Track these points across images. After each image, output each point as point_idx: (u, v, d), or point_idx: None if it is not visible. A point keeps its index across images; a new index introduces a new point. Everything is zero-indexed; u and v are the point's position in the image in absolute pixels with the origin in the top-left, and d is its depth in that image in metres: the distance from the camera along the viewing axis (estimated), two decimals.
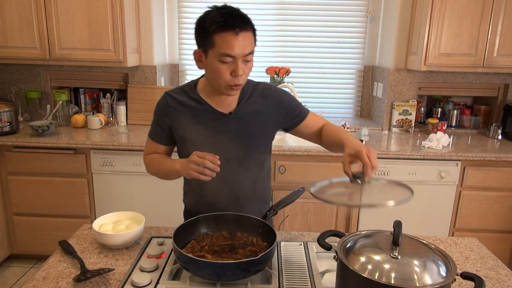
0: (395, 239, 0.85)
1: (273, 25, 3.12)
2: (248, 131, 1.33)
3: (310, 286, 1.06)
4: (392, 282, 0.79)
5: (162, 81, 3.03)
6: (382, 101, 2.98)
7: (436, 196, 2.46)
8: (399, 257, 0.84)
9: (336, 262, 0.91)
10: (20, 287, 1.16)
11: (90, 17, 2.50)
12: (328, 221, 2.54)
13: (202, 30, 1.17)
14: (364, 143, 2.52)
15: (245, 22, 1.15)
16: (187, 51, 3.21)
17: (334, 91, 3.25)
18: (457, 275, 0.83)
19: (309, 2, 3.07)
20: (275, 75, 2.89)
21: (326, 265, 1.17)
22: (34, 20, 2.51)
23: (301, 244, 1.29)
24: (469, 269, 1.19)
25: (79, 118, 2.76)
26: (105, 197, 2.52)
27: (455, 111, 2.99)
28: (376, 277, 0.81)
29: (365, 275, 0.80)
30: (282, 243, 1.29)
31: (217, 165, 1.13)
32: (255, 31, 1.20)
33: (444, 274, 0.82)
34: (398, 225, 0.87)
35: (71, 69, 2.95)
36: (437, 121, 2.84)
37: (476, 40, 2.51)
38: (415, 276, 0.81)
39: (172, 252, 1.18)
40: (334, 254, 0.91)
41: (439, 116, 3.00)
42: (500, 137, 2.79)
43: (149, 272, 1.09)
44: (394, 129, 2.91)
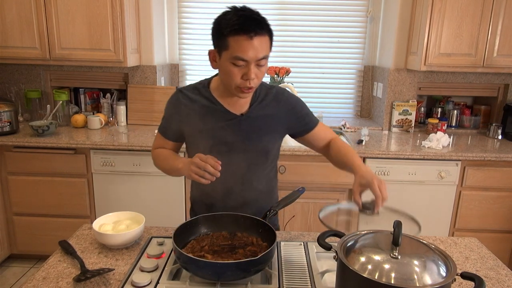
0: (395, 239, 0.85)
1: (273, 25, 3.07)
2: (258, 134, 1.33)
3: (310, 286, 1.06)
4: (392, 282, 0.79)
5: (162, 81, 3.03)
6: (382, 101, 2.98)
7: (436, 196, 2.46)
8: (399, 257, 0.84)
9: (336, 262, 0.91)
10: (20, 287, 1.16)
11: (90, 17, 2.50)
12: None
13: (218, 31, 1.17)
14: (364, 143, 2.52)
15: (261, 26, 1.13)
16: (187, 51, 3.21)
17: (334, 91, 3.25)
18: (457, 275, 0.83)
19: (309, 2, 3.07)
20: (275, 75, 2.89)
21: (326, 265, 1.17)
22: (34, 20, 2.51)
23: (301, 244, 1.29)
24: (469, 269, 1.19)
25: (79, 118, 2.76)
26: (105, 197, 2.52)
27: (455, 111, 2.99)
28: (376, 277, 0.80)
29: (365, 275, 0.80)
30: (282, 243, 1.29)
31: (218, 171, 1.13)
32: (271, 36, 1.19)
33: (444, 274, 0.82)
34: (398, 225, 0.87)
35: (71, 69, 2.95)
36: (437, 121, 2.84)
37: (476, 40, 2.51)
38: (415, 276, 0.81)
39: (172, 252, 1.18)
40: (334, 254, 0.91)
41: (439, 116, 3.00)
42: (500, 137, 2.79)
43: (149, 272, 1.09)
44: (394, 129, 2.91)
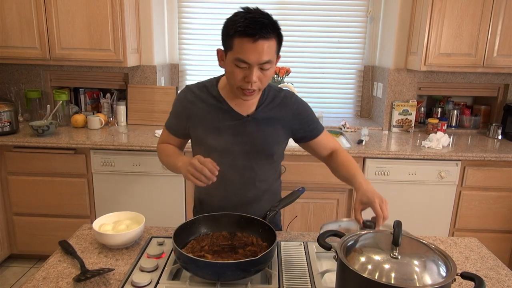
0: (395, 239, 0.85)
1: None
2: (263, 135, 1.32)
3: (310, 286, 1.06)
4: (392, 282, 0.79)
5: (162, 81, 3.03)
6: (382, 101, 2.98)
7: (436, 196, 2.46)
8: (399, 257, 0.84)
9: (336, 262, 0.91)
10: (20, 287, 1.16)
11: (90, 17, 2.50)
12: (328, 221, 2.54)
13: (225, 31, 1.17)
14: (364, 143, 2.52)
15: (266, 30, 1.11)
16: (187, 51, 3.21)
17: (334, 91, 3.25)
18: (457, 275, 0.83)
19: (309, 2, 3.07)
20: (275, 75, 2.89)
21: (326, 265, 1.18)
22: (34, 20, 2.51)
23: (301, 244, 1.29)
24: (469, 269, 1.19)
25: (79, 118, 2.76)
26: (105, 197, 2.52)
27: (455, 111, 2.99)
28: (376, 277, 0.80)
29: (365, 275, 0.80)
30: (282, 243, 1.29)
31: (215, 175, 1.13)
32: (280, 40, 1.18)
33: (444, 274, 0.82)
34: (398, 225, 0.87)
35: (71, 69, 2.95)
36: (437, 121, 2.84)
37: (476, 40, 2.51)
38: (415, 276, 0.81)
39: (172, 252, 1.18)
40: (334, 254, 0.91)
41: (439, 116, 3.00)
42: (500, 137, 2.79)
43: (149, 272, 1.09)
44: (394, 129, 2.91)
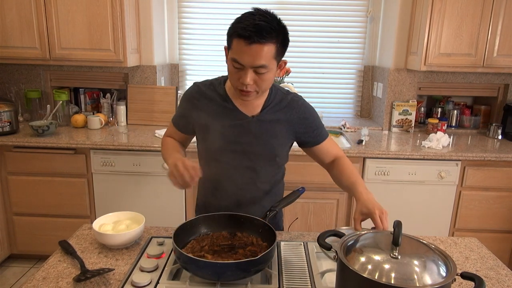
0: (395, 239, 0.85)
1: None
2: (266, 137, 1.32)
3: (310, 286, 1.06)
4: (392, 282, 0.79)
5: (162, 81, 3.03)
6: (382, 101, 2.98)
7: (436, 196, 2.46)
8: (399, 257, 0.84)
9: (336, 262, 0.91)
10: (20, 287, 1.16)
11: (90, 17, 2.50)
12: (328, 221, 2.54)
13: (228, 30, 1.17)
14: (364, 143, 2.52)
15: (263, 35, 1.09)
16: (187, 51, 3.21)
17: (334, 91, 3.25)
18: (457, 275, 0.83)
19: (309, 2, 3.07)
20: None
21: (326, 265, 1.18)
22: (34, 20, 2.51)
23: (301, 244, 1.29)
24: (469, 269, 1.19)
25: (79, 118, 2.76)
26: (105, 197, 2.52)
27: (455, 111, 2.99)
28: (376, 277, 0.80)
29: (365, 275, 0.80)
30: (282, 243, 1.29)
31: (194, 182, 1.15)
32: (282, 46, 1.16)
33: (444, 274, 0.82)
34: (398, 225, 0.87)
35: (71, 69, 2.95)
36: (437, 121, 2.84)
37: (476, 40, 2.51)
38: (415, 276, 0.81)
39: (172, 252, 1.18)
40: (334, 254, 0.91)
41: (439, 116, 3.00)
42: (500, 137, 2.79)
43: (149, 272, 1.09)
44: (394, 129, 2.91)
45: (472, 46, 2.52)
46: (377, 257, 0.86)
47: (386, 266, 0.83)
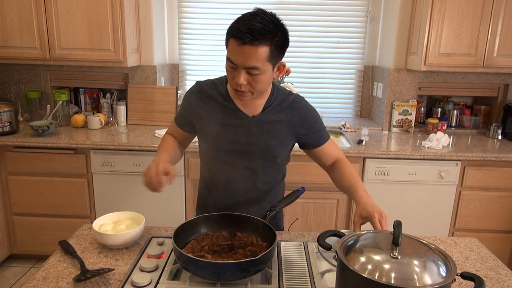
0: (395, 239, 0.85)
1: None
2: (267, 138, 1.32)
3: (310, 286, 1.06)
4: (392, 282, 0.79)
5: (162, 81, 3.03)
6: (382, 101, 2.98)
7: (436, 196, 2.46)
8: (399, 257, 0.84)
9: (336, 262, 0.91)
10: (20, 287, 1.16)
11: (90, 17, 2.50)
12: (328, 221, 2.54)
13: (227, 29, 1.17)
14: (364, 143, 2.52)
15: (255, 37, 1.09)
16: (187, 51, 3.21)
17: (334, 91, 3.25)
18: (457, 275, 0.83)
19: (309, 2, 3.07)
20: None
21: (326, 265, 1.17)
22: (34, 20, 2.51)
23: (301, 244, 1.29)
24: (469, 269, 1.19)
25: (79, 118, 2.76)
26: (105, 197, 2.52)
27: (455, 111, 2.99)
28: (376, 277, 0.80)
29: (365, 275, 0.80)
30: (282, 243, 1.29)
31: (160, 188, 1.18)
32: (275, 49, 1.14)
33: (444, 274, 0.82)
34: (398, 225, 0.87)
35: (71, 69, 2.95)
36: (437, 121, 2.84)
37: (476, 40, 2.51)
38: (415, 276, 0.81)
39: (172, 252, 1.18)
40: (334, 254, 0.91)
41: (439, 116, 3.00)
42: (500, 137, 2.79)
43: (149, 272, 1.09)
44: (394, 129, 2.91)
45: (472, 46, 2.52)
46: (377, 257, 0.86)
47: (386, 266, 0.83)
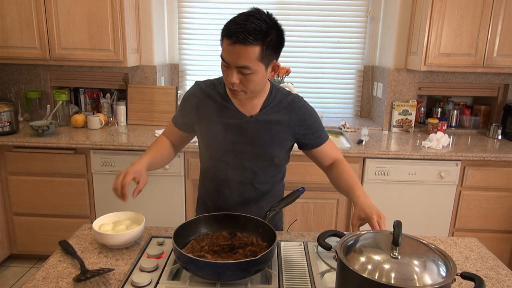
0: (395, 239, 0.85)
1: None
2: (264, 138, 1.32)
3: (310, 286, 1.06)
4: (392, 282, 0.79)
5: (162, 81, 3.03)
6: (382, 101, 2.98)
7: (436, 196, 2.46)
8: (399, 257, 0.84)
9: (336, 262, 0.91)
10: (20, 287, 1.16)
11: (90, 17, 2.50)
12: (328, 221, 2.54)
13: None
14: (364, 143, 2.52)
15: (247, 36, 1.09)
16: (187, 51, 3.21)
17: (334, 91, 3.25)
18: (457, 275, 0.83)
19: (309, 2, 3.07)
20: (275, 75, 2.88)
21: (326, 265, 1.17)
22: (34, 20, 2.51)
23: (301, 244, 1.29)
24: (469, 269, 1.19)
25: (79, 118, 2.76)
26: (105, 197, 2.52)
27: (455, 111, 2.99)
28: (376, 277, 0.80)
29: (365, 275, 0.80)
30: (282, 243, 1.29)
31: (123, 200, 1.23)
32: (267, 49, 1.14)
33: (444, 274, 0.82)
34: (398, 225, 0.87)
35: (71, 69, 2.95)
36: (437, 121, 2.84)
37: (476, 40, 2.51)
38: (415, 276, 0.81)
39: (172, 252, 1.18)
40: (334, 254, 0.91)
41: (439, 116, 3.00)
42: (500, 137, 2.79)
43: (149, 272, 1.09)
44: (394, 129, 2.91)
45: (472, 46, 2.52)
46: (377, 257, 0.86)
47: (386, 266, 0.83)
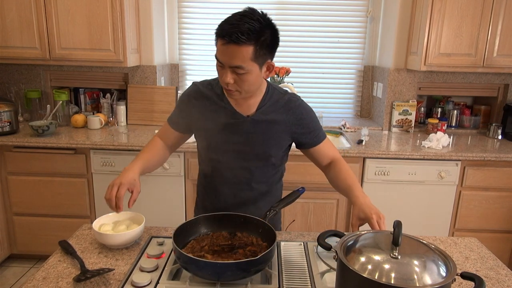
0: (395, 239, 0.85)
1: None
2: (261, 137, 1.32)
3: (310, 286, 1.06)
4: (392, 282, 0.79)
5: (162, 81, 3.03)
6: (382, 101, 2.98)
7: (436, 196, 2.46)
8: (399, 257, 0.84)
9: (336, 262, 0.91)
10: (20, 287, 1.16)
11: (90, 17, 2.50)
12: (328, 221, 2.54)
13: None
14: (364, 143, 2.52)
15: (240, 36, 1.09)
16: (187, 51, 3.21)
17: (334, 91, 3.25)
18: (457, 275, 0.83)
19: (309, 2, 3.07)
20: (275, 75, 2.89)
21: (326, 265, 1.17)
22: (34, 20, 2.51)
23: (301, 244, 1.29)
24: (469, 269, 1.19)
25: (79, 118, 2.76)
26: None
27: (455, 111, 2.99)
28: (376, 277, 0.80)
29: (365, 275, 0.80)
30: (282, 243, 1.29)
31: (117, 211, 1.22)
32: (261, 49, 1.14)
33: (444, 274, 0.82)
34: (398, 225, 0.87)
35: (71, 69, 2.95)
36: (437, 121, 2.84)
37: (476, 40, 2.51)
38: (415, 276, 0.81)
39: (172, 252, 1.18)
40: (334, 254, 0.91)
41: (439, 116, 3.00)
42: (500, 137, 2.79)
43: (149, 272, 1.09)
44: (394, 129, 2.91)
45: (472, 46, 2.52)
46: (377, 257, 0.86)
47: (386, 266, 0.83)
